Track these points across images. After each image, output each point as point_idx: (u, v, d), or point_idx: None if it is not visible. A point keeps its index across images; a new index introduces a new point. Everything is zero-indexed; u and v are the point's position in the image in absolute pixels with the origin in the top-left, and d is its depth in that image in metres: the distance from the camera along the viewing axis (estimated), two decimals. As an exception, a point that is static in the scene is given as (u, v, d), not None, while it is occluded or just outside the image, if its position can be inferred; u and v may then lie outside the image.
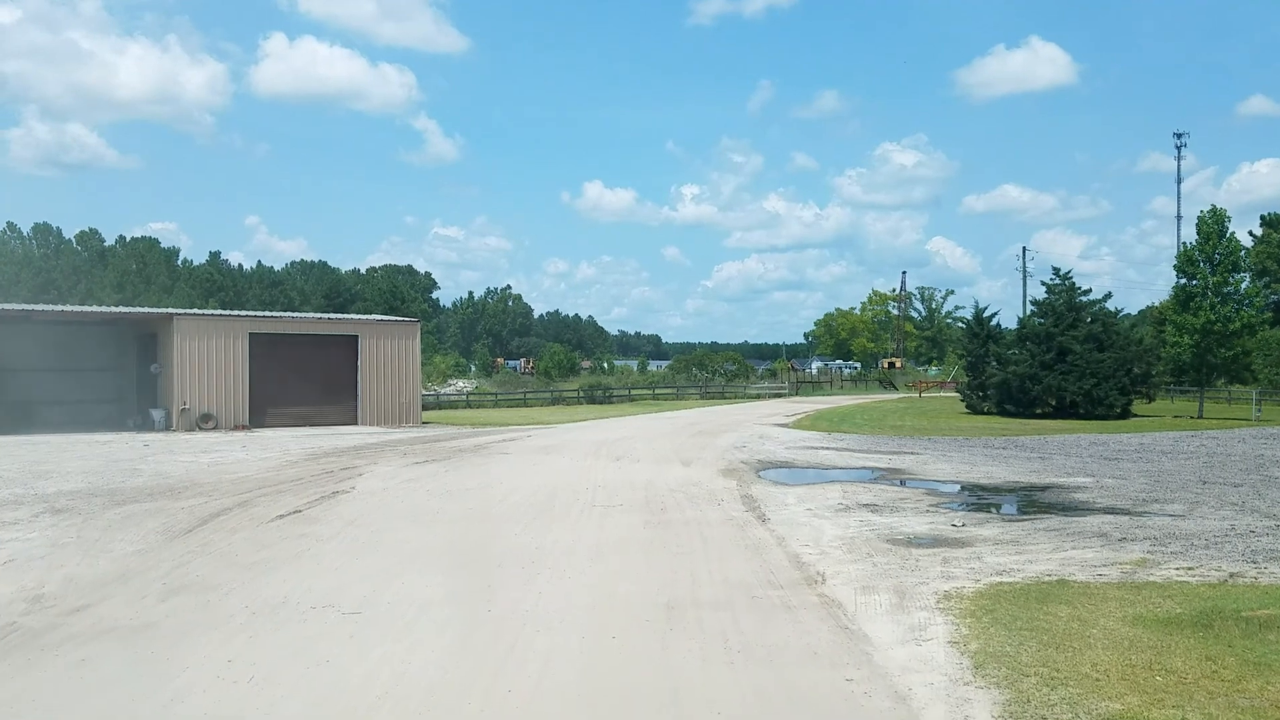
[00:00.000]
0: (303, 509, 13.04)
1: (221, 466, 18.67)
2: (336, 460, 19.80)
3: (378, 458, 20.34)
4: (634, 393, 56.15)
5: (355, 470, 17.86)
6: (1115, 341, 36.17)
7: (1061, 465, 18.85)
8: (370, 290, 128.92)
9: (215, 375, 29.10)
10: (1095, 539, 10.88)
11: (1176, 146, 76.49)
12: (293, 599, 8.15)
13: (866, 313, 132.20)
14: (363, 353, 31.40)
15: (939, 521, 12.01)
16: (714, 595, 8.18)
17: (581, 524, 11.79)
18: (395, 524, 11.89)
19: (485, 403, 47.98)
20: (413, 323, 33.24)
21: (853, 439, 25.70)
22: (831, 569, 9.18)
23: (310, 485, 15.67)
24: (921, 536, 10.98)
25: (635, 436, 26.15)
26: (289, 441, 24.69)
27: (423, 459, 20.03)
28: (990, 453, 21.52)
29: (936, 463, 19.26)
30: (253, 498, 14.23)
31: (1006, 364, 36.43)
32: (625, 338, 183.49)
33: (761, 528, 11.47)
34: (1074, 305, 37.15)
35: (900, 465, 18.84)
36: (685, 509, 12.98)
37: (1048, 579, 8.81)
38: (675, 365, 75.17)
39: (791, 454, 21.18)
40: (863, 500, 13.79)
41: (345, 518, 12.32)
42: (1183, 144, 76.15)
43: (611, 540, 10.72)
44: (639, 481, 15.96)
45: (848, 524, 11.72)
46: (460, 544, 10.74)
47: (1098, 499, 14.23)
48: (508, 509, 13.13)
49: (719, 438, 25.68)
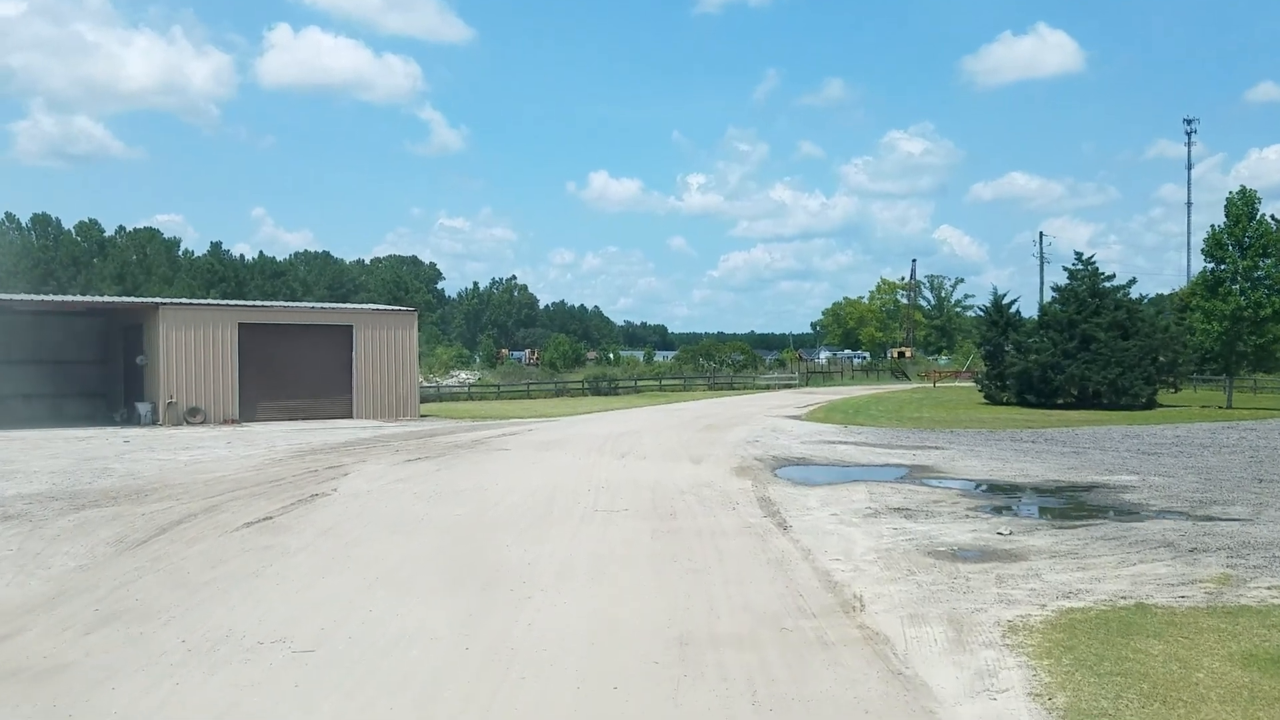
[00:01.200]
0: (275, 515, 11.82)
1: (200, 465, 17.47)
2: (323, 458, 18.59)
3: (367, 455, 19.13)
4: (640, 384, 54.85)
5: (341, 469, 16.65)
6: (1140, 329, 34.79)
7: (1099, 461, 17.56)
8: (374, 281, 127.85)
9: (203, 367, 27.90)
10: (1162, 549, 9.61)
11: (1187, 133, 74.74)
12: (239, 631, 6.93)
13: (875, 302, 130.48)
14: (358, 343, 30.15)
15: (982, 529, 10.74)
16: (735, 627, 6.93)
17: (582, 533, 10.55)
18: (374, 534, 10.66)
19: (488, 395, 46.75)
20: (409, 312, 31.88)
21: (870, 432, 24.43)
22: (870, 590, 7.92)
23: (290, 487, 14.45)
24: (966, 548, 9.71)
25: (641, 431, 24.91)
26: (277, 437, 23.49)
27: (415, 456, 18.81)
28: (1020, 447, 20.23)
29: (965, 459, 17.98)
30: (224, 501, 13.02)
31: (1027, 353, 35.05)
32: (631, 328, 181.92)
33: (783, 537, 10.22)
34: (1097, 291, 35.74)
35: (926, 462, 17.57)
36: (697, 515, 11.73)
37: (1123, 602, 7.56)
38: (682, 356, 73.82)
39: (808, 449, 19.91)
40: (892, 503, 12.52)
41: (320, 526, 11.10)
42: (1193, 130, 74.28)
43: (615, 553, 9.47)
44: (645, 482, 14.72)
45: (880, 533, 10.46)
46: (444, 558, 9.50)
47: (1150, 500, 12.95)
48: (501, 514, 11.90)
49: (729, 432, 24.43)
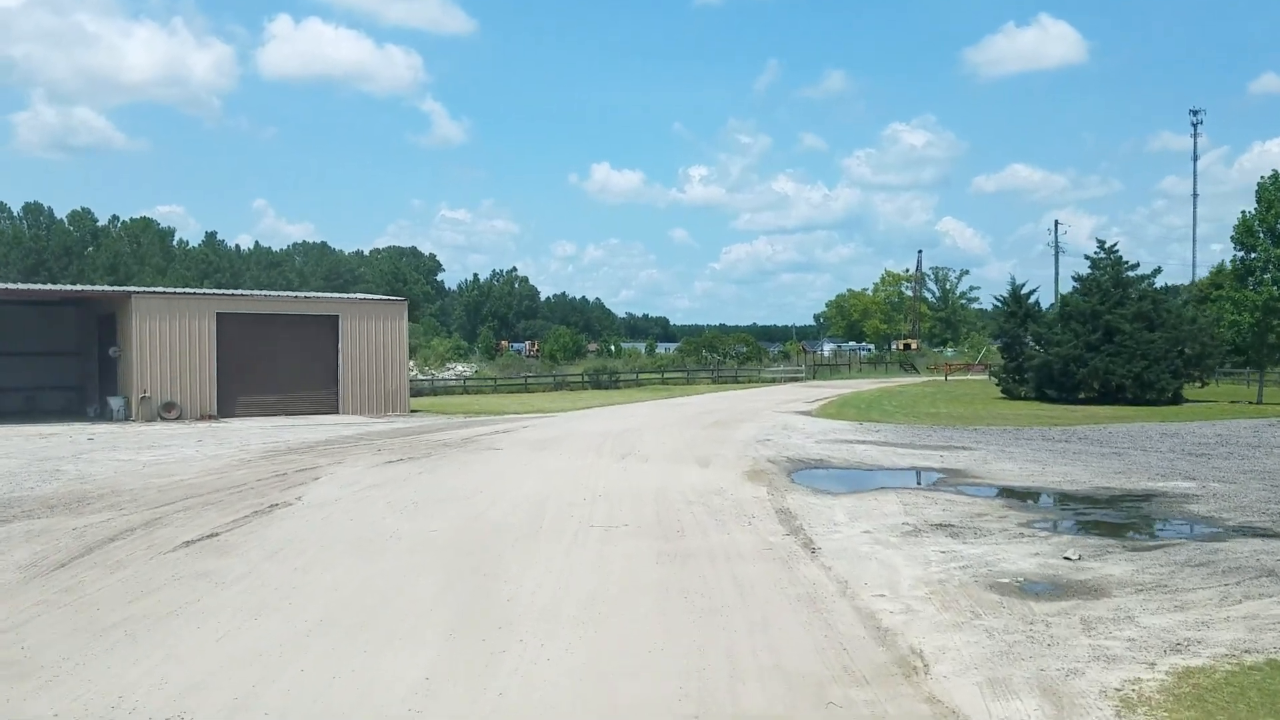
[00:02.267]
0: (222, 531, 10.26)
1: (160, 467, 15.93)
2: (297, 459, 17.04)
3: (346, 455, 17.58)
4: (641, 377, 53.23)
5: (313, 472, 15.10)
6: (1166, 320, 33.12)
7: (1145, 464, 15.98)
8: (372, 272, 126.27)
9: (179, 360, 26.34)
10: (1265, 580, 8.05)
11: (1193, 124, 72.34)
12: (129, 701, 5.39)
13: (879, 293, 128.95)
14: (344, 335, 28.55)
15: (1044, 551, 9.17)
16: (766, 702, 5.37)
17: (574, 558, 8.99)
18: (331, 556, 9.10)
19: (484, 388, 45.15)
20: (399, 302, 30.21)
21: (888, 429, 22.84)
22: (931, 642, 6.35)
23: (250, 494, 12.90)
24: (1033, 578, 8.14)
25: (643, 428, 23.35)
26: (254, 434, 21.94)
27: (397, 456, 17.26)
28: (1054, 447, 18.65)
29: (998, 461, 16.40)
30: (170, 513, 11.47)
31: (1048, 345, 33.41)
32: (633, 320, 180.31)
33: (812, 563, 8.65)
34: (1120, 281, 34.04)
35: (957, 465, 15.99)
36: (709, 531, 10.17)
37: (1250, 658, 6.00)
38: (684, 348, 72.05)
39: (824, 450, 18.34)
40: (931, 517, 10.95)
41: (270, 545, 9.55)
42: (1199, 120, 72.02)
43: (612, 588, 7.90)
44: (648, 488, 13.16)
45: (925, 556, 8.89)
46: (407, 595, 7.93)
47: (1221, 513, 11.38)
48: (482, 531, 10.34)
49: (738, 429, 22.86)
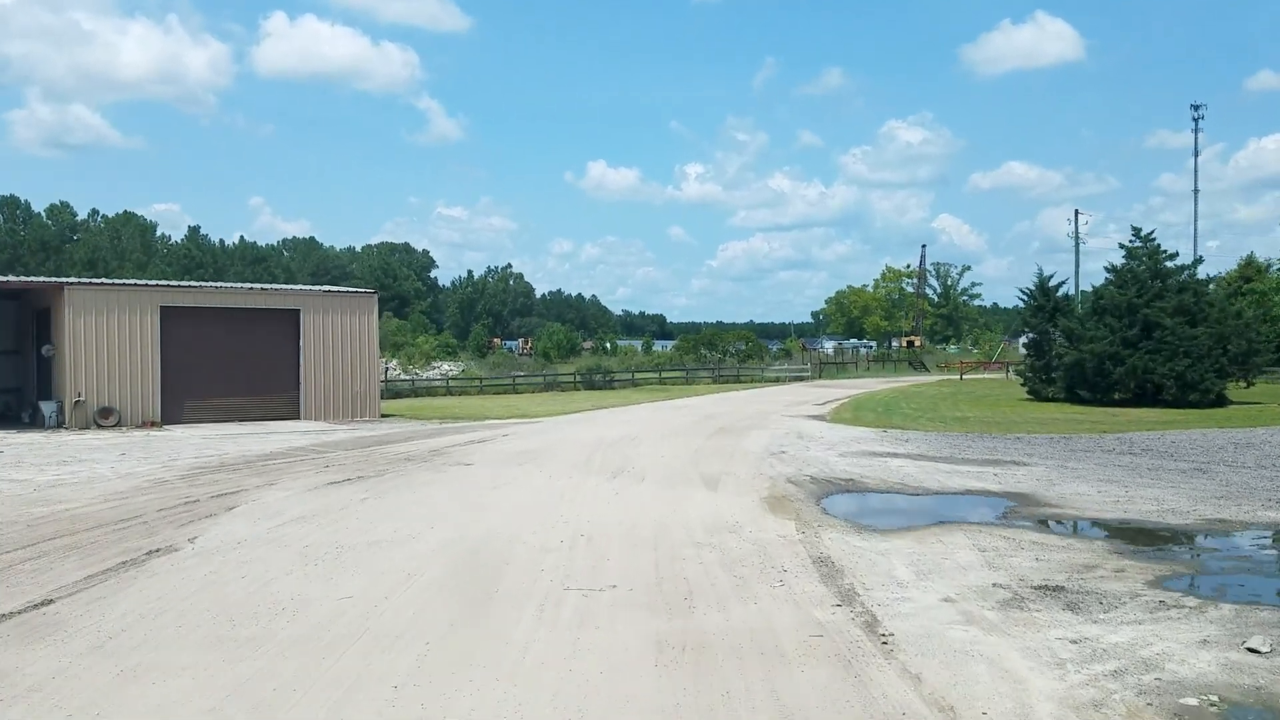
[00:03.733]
0: (60, 596, 7.46)
1: (54, 491, 13.12)
2: (224, 479, 14.23)
3: (284, 474, 14.77)
4: (638, 376, 50.39)
5: (233, 499, 12.30)
6: (1209, 315, 30.37)
7: (1244, 485, 13.19)
8: (362, 268, 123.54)
9: (118, 360, 23.50)
10: None
11: (1194, 119, 70.53)
12: None
13: (880, 290, 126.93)
14: (306, 331, 25.68)
15: (1212, 635, 6.36)
16: None
17: (535, 657, 6.17)
18: (178, 650, 6.26)
19: (469, 389, 42.29)
20: (368, 294, 27.30)
21: (918, 438, 20.05)
22: None
23: (137, 532, 10.09)
24: (1230, 695, 5.34)
25: (639, 436, 20.55)
26: (191, 446, 19.13)
27: (345, 476, 14.46)
28: (1120, 461, 15.88)
29: (1066, 481, 13.60)
30: (17, 561, 8.71)
31: (1080, 341, 30.63)
32: (630, 318, 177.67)
33: (888, 666, 5.83)
34: (1159, 272, 31.28)
35: (1018, 486, 13.19)
36: (727, 599, 7.37)
37: None
38: (682, 345, 69.16)
39: (852, 466, 15.55)
40: (1025, 571, 8.15)
41: (108, 626, 6.73)
42: (1200, 116, 70.19)
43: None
44: (644, 523, 10.37)
45: (1051, 650, 6.08)
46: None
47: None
48: (416, 599, 7.53)
49: (746, 438, 20.07)
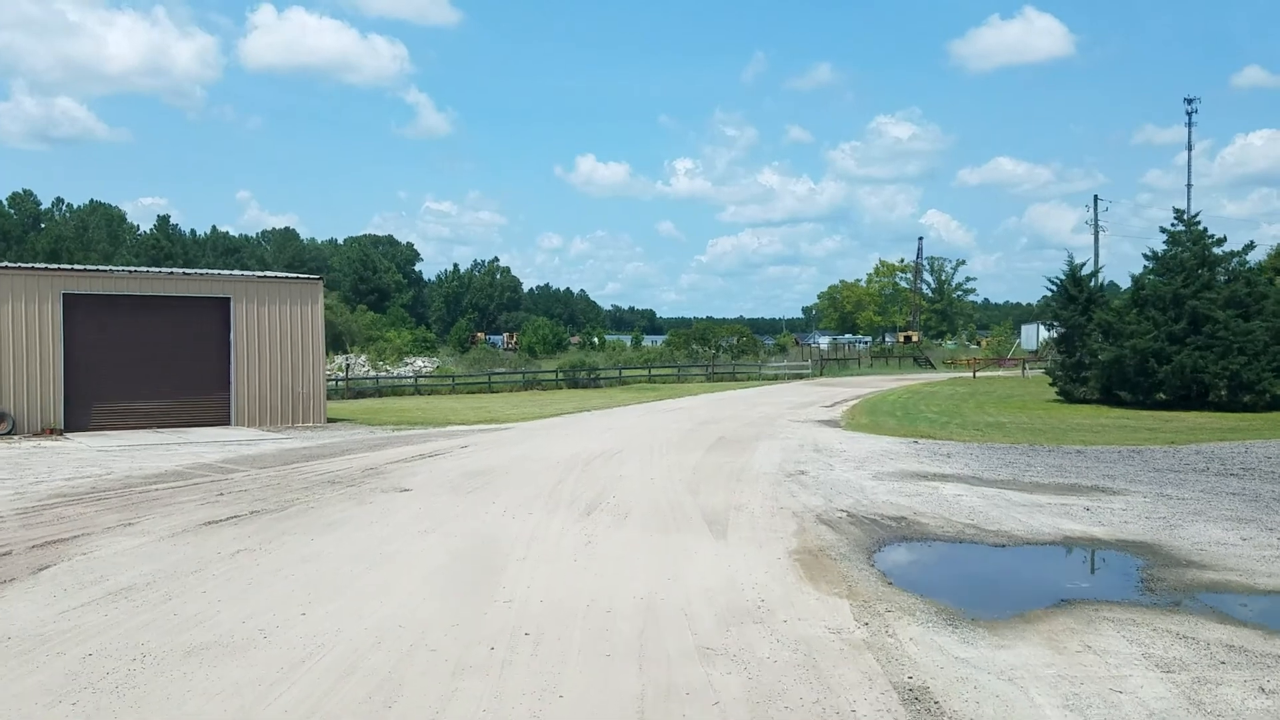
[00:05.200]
0: None
1: None
2: (75, 515, 10.76)
3: (156, 508, 11.31)
4: (626, 374, 46.98)
5: (61, 549, 8.85)
6: (1264, 307, 27.12)
7: None
8: (341, 260, 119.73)
9: (12, 356, 19.97)
10: None
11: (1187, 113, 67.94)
12: None
13: (873, 285, 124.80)
14: (237, 323, 22.13)
15: None
16: None
17: None
18: None
19: (440, 388, 38.78)
20: (312, 281, 23.71)
21: (959, 452, 16.67)
22: None
23: None
24: None
25: (623, 450, 17.15)
26: (76, 460, 15.65)
27: (233, 510, 11.02)
28: (1228, 486, 12.54)
29: (1184, 520, 10.24)
30: None
31: (1120, 337, 27.36)
32: (619, 313, 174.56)
33: None
34: (1207, 259, 28.02)
35: (1128, 530, 9.83)
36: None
37: None
38: (674, 340, 65.83)
39: (895, 495, 12.16)
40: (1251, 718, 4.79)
41: None
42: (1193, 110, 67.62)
43: None
44: (623, 609, 6.96)
45: None
46: None
47: None
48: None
49: (754, 451, 16.69)
